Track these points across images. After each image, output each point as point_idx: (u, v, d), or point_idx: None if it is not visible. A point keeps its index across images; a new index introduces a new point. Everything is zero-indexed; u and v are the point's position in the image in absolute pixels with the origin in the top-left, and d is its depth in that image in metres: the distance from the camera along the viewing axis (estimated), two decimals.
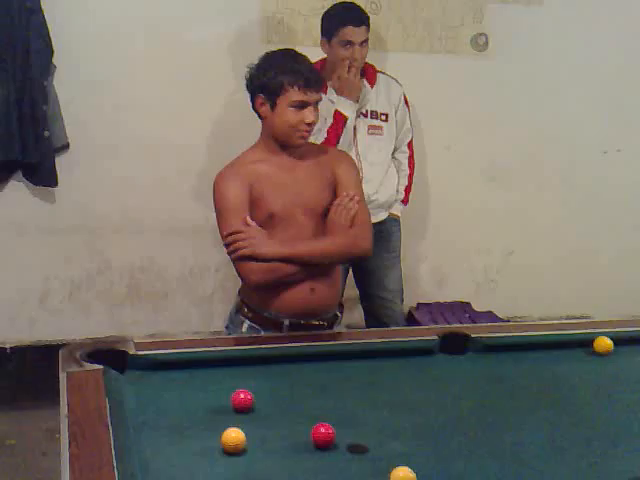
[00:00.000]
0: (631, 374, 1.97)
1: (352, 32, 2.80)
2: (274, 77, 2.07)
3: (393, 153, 3.10)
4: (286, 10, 3.15)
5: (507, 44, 3.55)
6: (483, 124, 3.60)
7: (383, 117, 3.01)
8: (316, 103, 2.13)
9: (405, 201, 3.16)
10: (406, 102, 3.10)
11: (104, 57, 3.14)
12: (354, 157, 2.54)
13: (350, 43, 2.82)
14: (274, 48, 2.31)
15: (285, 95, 2.07)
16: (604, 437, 1.63)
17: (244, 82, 2.17)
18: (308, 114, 2.10)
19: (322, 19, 2.94)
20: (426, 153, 3.57)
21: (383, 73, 3.08)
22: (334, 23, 2.86)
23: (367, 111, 2.98)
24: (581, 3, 3.58)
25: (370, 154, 2.94)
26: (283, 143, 2.16)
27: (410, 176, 3.15)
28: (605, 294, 3.78)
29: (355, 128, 2.92)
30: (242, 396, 1.65)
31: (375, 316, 3.14)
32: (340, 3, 2.96)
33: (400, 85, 3.08)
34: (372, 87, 3.00)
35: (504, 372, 1.94)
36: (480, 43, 3.55)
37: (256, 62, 2.16)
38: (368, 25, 2.87)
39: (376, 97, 3.00)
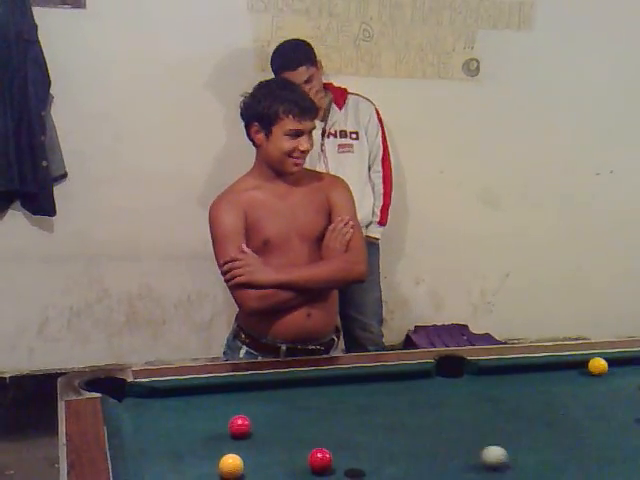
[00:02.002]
0: (625, 394, 1.98)
1: (291, 76, 2.78)
2: (269, 106, 2.10)
3: (368, 173, 3.15)
4: (280, 39, 3.20)
5: (498, 69, 3.60)
6: (476, 148, 3.64)
7: (353, 135, 3.09)
8: (310, 131, 2.17)
9: (382, 222, 3.18)
10: (379, 120, 3.16)
11: (101, 87, 3.19)
12: None
13: None
14: (268, 76, 2.36)
15: (280, 124, 2.11)
16: (599, 457, 1.63)
17: (239, 111, 2.20)
18: (303, 142, 2.13)
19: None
20: (420, 177, 3.60)
21: (354, 94, 3.16)
22: (273, 69, 2.94)
23: (336, 131, 3.08)
24: (571, 27, 3.64)
25: (341, 172, 2.85)
26: (277, 170, 2.19)
27: (385, 195, 3.17)
28: (601, 315, 3.79)
29: (324, 149, 3.02)
30: (240, 422, 1.66)
31: (353, 338, 3.14)
32: (280, 45, 3.00)
33: (372, 104, 3.16)
34: (340, 109, 3.10)
35: (500, 394, 1.95)
36: (472, 68, 3.60)
37: (250, 91, 2.19)
38: (310, 61, 2.91)
39: (345, 118, 3.10)
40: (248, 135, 2.20)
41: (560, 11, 3.61)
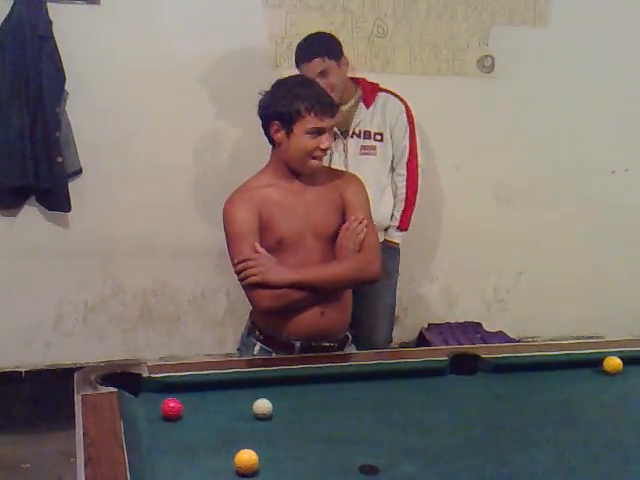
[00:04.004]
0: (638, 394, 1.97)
1: (305, 68, 2.78)
2: (290, 104, 2.08)
3: (392, 173, 3.04)
4: (294, 35, 3.20)
5: (513, 66, 3.58)
6: (491, 144, 3.63)
7: (378, 137, 2.97)
8: (331, 129, 2.16)
9: (403, 227, 3.05)
10: (409, 120, 3.02)
11: (115, 83, 3.20)
12: None
13: None
14: (283, 72, 2.36)
15: (302, 122, 2.09)
16: (613, 456, 1.63)
17: (256, 108, 2.19)
18: (324, 140, 2.12)
19: None
20: (435, 173, 3.60)
21: (386, 91, 3.03)
22: (295, 63, 2.86)
23: (360, 131, 2.96)
24: (587, 24, 3.61)
25: (362, 175, 2.74)
26: (296, 169, 2.18)
27: (408, 199, 3.03)
28: (616, 314, 3.77)
29: (347, 150, 2.93)
30: (172, 405, 1.70)
31: (357, 341, 3.04)
32: (303, 39, 2.94)
33: (402, 102, 3.02)
34: (368, 107, 2.98)
35: (514, 392, 1.95)
36: (486, 65, 3.59)
37: (269, 89, 2.18)
38: (329, 54, 2.81)
39: (371, 117, 2.97)
40: (267, 134, 2.18)
41: (575, 7, 3.59)
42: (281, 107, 2.10)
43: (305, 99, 2.08)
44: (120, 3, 3.16)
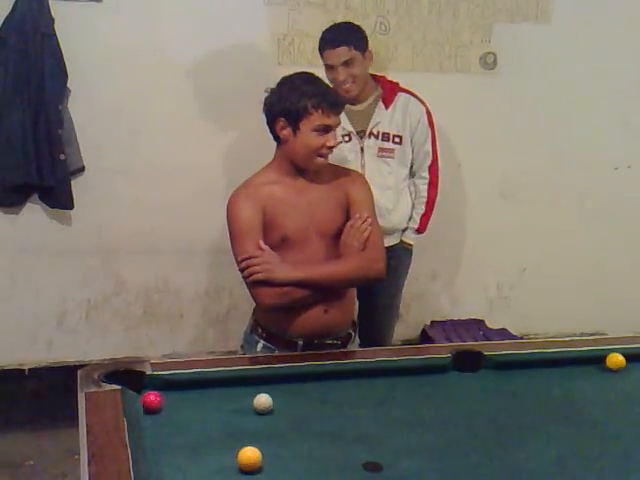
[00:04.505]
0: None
1: (330, 55, 2.73)
2: (297, 101, 2.07)
3: (412, 177, 2.99)
4: (296, 32, 3.20)
5: (516, 62, 3.58)
6: (494, 141, 3.62)
7: (396, 139, 2.89)
8: (337, 126, 2.16)
9: (421, 229, 3.01)
10: (430, 123, 2.96)
11: (118, 81, 3.19)
12: None
13: (331, 66, 2.74)
14: (285, 70, 2.35)
15: (309, 119, 2.08)
16: (616, 453, 1.63)
17: (259, 106, 2.18)
18: (331, 138, 2.12)
19: None
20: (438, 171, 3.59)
21: (406, 92, 2.96)
22: (319, 48, 2.81)
23: (378, 132, 2.88)
24: (589, 20, 3.60)
25: (379, 178, 2.82)
26: (302, 166, 2.17)
27: (429, 203, 2.99)
28: (619, 311, 3.76)
29: (364, 151, 2.86)
30: (152, 397, 1.72)
31: (364, 338, 2.90)
32: (330, 26, 2.90)
33: (423, 104, 2.95)
34: (387, 108, 2.89)
35: (517, 389, 1.95)
36: (489, 62, 3.58)
37: (274, 86, 2.17)
38: (355, 44, 2.75)
39: (390, 118, 2.89)
40: (272, 131, 2.17)
41: (577, 3, 3.58)
42: (288, 104, 2.09)
43: (312, 96, 2.08)
44: (122, 1, 3.16)
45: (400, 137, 2.89)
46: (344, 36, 2.77)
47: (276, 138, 2.18)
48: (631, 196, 3.83)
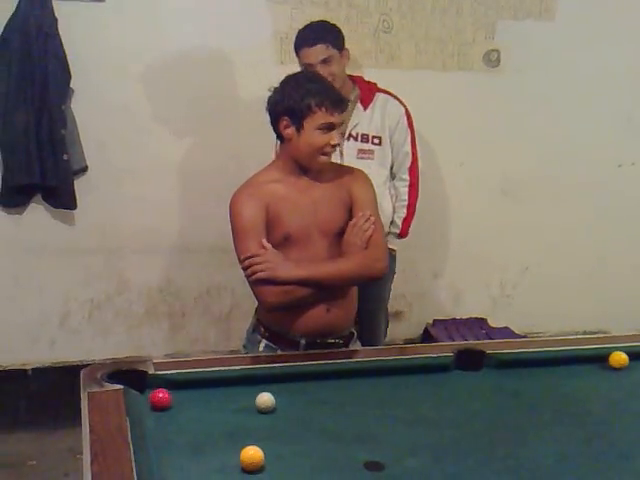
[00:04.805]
0: None
1: (307, 53, 2.68)
2: (301, 99, 2.07)
3: (393, 180, 2.92)
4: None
5: (519, 60, 3.57)
6: (497, 140, 3.62)
7: (376, 141, 2.82)
8: (340, 125, 2.15)
9: (403, 234, 2.94)
10: (409, 123, 2.89)
11: (121, 80, 3.19)
12: None
13: (309, 65, 2.69)
14: (286, 69, 2.35)
15: (312, 117, 2.08)
16: (619, 452, 1.63)
17: (262, 104, 2.18)
18: (334, 136, 2.12)
19: None
20: (440, 169, 3.59)
21: (385, 92, 2.90)
22: (295, 47, 2.75)
23: (357, 134, 2.82)
24: (593, 17, 3.59)
25: None
26: (305, 165, 2.17)
27: (410, 206, 2.90)
28: (622, 309, 3.76)
29: (343, 153, 2.78)
30: (160, 395, 1.74)
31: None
32: (305, 26, 2.81)
33: (402, 104, 2.90)
34: (366, 109, 2.84)
35: (520, 388, 1.95)
36: (492, 59, 3.57)
37: (278, 85, 2.17)
38: (332, 42, 2.71)
39: (369, 119, 2.83)
40: (276, 129, 2.17)
41: (581, 1, 3.57)
42: (292, 103, 2.09)
43: (316, 94, 2.08)
44: (125, 0, 3.15)
45: (379, 138, 2.84)
46: (321, 34, 2.73)
47: (279, 137, 2.18)
48: (635, 194, 3.82)
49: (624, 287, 3.85)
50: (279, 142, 2.23)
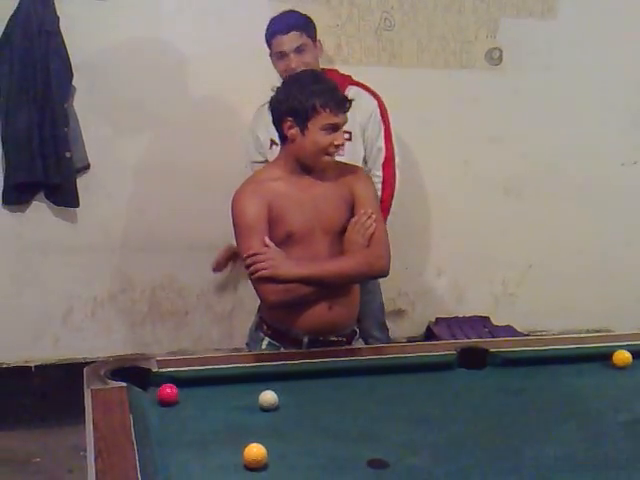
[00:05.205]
0: None
1: (280, 41, 2.62)
2: (306, 100, 2.07)
3: None
4: None
5: (521, 58, 3.56)
6: (500, 137, 3.61)
7: (346, 136, 2.62)
8: (344, 124, 2.16)
9: None
10: (383, 117, 2.77)
11: (123, 79, 3.20)
12: None
13: (282, 53, 2.63)
14: None
15: (317, 118, 2.08)
16: (623, 451, 1.63)
17: (264, 104, 2.18)
18: (338, 136, 2.12)
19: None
20: (443, 167, 3.58)
21: (358, 85, 2.78)
22: (266, 38, 2.69)
23: None
24: (595, 15, 3.59)
25: None
26: (309, 164, 2.16)
27: (384, 202, 2.73)
28: (626, 307, 3.75)
29: None
30: (168, 390, 1.75)
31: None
32: (277, 15, 2.76)
33: (375, 98, 2.78)
34: None
35: (523, 386, 1.94)
36: (494, 57, 3.57)
37: (281, 85, 2.17)
38: (306, 31, 2.65)
39: None
40: (279, 130, 2.17)
41: None
42: (296, 103, 2.08)
43: (320, 95, 2.07)
44: None
45: (349, 133, 2.66)
46: (294, 22, 2.68)
47: (283, 136, 2.18)
48: (637, 192, 3.81)
49: (627, 285, 3.85)
50: (280, 143, 2.22)
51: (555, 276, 3.78)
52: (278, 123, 2.16)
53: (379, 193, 2.75)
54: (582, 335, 2.77)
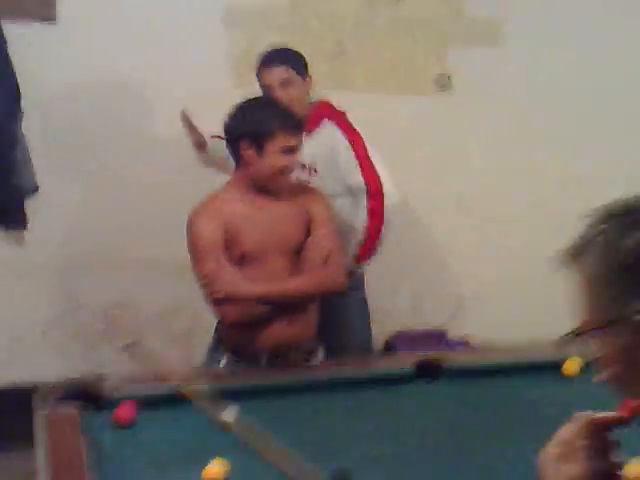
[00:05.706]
0: (598, 394, 2.00)
1: (266, 75, 2.62)
2: (261, 122, 2.09)
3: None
4: (254, 54, 3.16)
5: (470, 83, 3.62)
6: (450, 161, 3.68)
7: (312, 171, 2.64)
8: (299, 146, 2.17)
9: (361, 259, 2.72)
10: (357, 154, 2.66)
11: (72, 102, 3.15)
12: None
13: (268, 87, 2.61)
14: (242, 93, 2.35)
15: (274, 141, 2.09)
16: None
17: (219, 127, 2.19)
18: (294, 158, 2.14)
19: None
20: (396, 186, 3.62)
21: (336, 120, 2.72)
22: (256, 71, 2.68)
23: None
24: (539, 40, 3.69)
25: None
26: (265, 186, 2.17)
27: (369, 229, 2.65)
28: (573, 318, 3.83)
29: None
30: (124, 411, 1.74)
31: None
32: (269, 49, 2.74)
33: (348, 135, 2.69)
34: (309, 134, 2.56)
35: (478, 397, 1.98)
36: (443, 83, 3.65)
37: (236, 107, 2.17)
38: (293, 65, 2.64)
39: (310, 147, 2.53)
40: (234, 152, 2.16)
41: (529, 25, 3.66)
42: (253, 126, 2.10)
43: (276, 117, 2.10)
44: (77, 22, 3.13)
45: (315, 170, 2.64)
46: (283, 56, 2.69)
47: (237, 158, 2.18)
48: (581, 212, 3.89)
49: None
50: (234, 164, 2.22)
51: (510, 291, 3.84)
52: (233, 145, 2.16)
53: (365, 223, 2.66)
54: (534, 345, 2.82)
